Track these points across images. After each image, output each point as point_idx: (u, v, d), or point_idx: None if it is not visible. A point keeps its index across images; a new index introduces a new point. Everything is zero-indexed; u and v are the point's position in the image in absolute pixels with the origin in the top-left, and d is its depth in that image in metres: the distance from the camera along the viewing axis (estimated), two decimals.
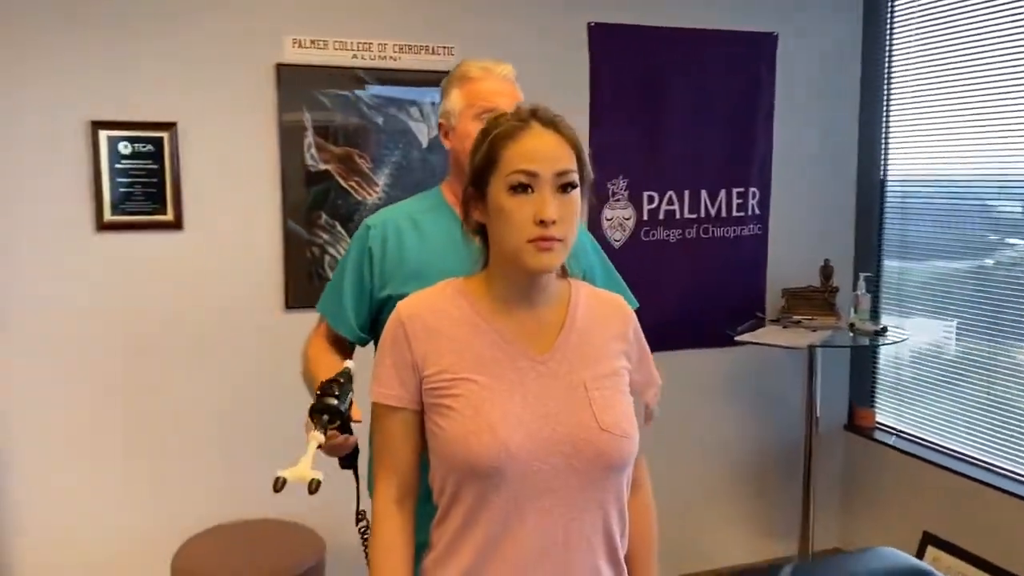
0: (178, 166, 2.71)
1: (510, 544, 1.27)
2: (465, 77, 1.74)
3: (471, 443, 1.25)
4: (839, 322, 3.24)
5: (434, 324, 1.32)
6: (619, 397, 1.34)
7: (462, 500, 1.29)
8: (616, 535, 1.35)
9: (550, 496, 1.27)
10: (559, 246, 1.27)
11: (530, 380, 1.30)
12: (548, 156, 1.27)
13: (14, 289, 2.60)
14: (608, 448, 1.29)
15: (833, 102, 3.48)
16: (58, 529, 2.70)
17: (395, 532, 1.33)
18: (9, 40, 2.53)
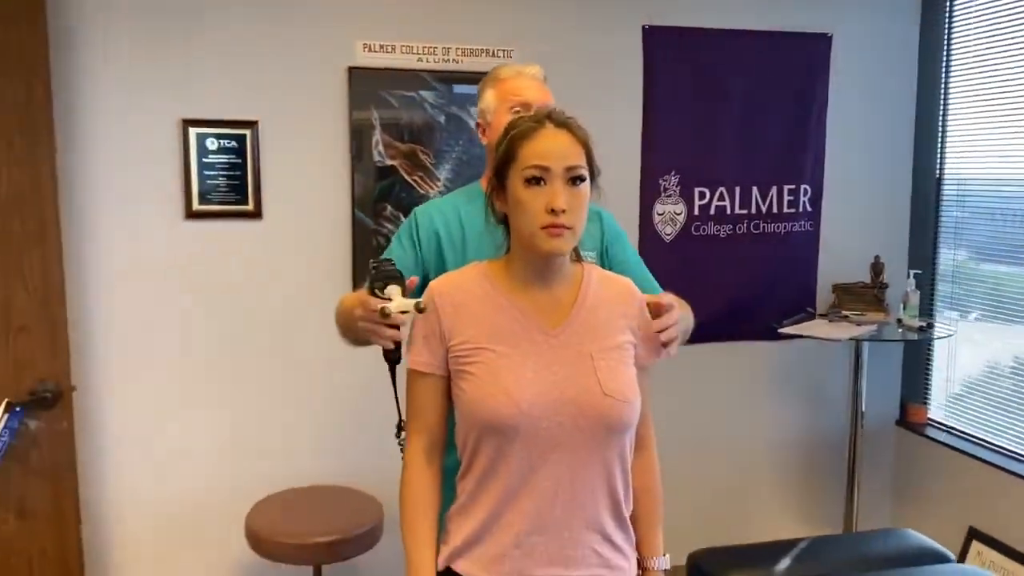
0: (259, 160, 2.97)
1: (525, 493, 1.46)
2: (498, 78, 1.93)
3: (489, 404, 1.44)
4: (887, 318, 3.30)
5: (460, 300, 1.51)
6: (623, 367, 1.51)
7: (483, 454, 1.48)
8: (619, 490, 1.52)
9: (559, 451, 1.45)
10: (568, 233, 1.45)
11: (543, 350, 1.48)
12: (559, 153, 1.45)
13: (114, 267, 2.91)
14: (610, 411, 1.46)
15: (889, 102, 3.53)
16: (149, 483, 3.01)
17: (423, 482, 1.53)
18: (111, 45, 2.83)
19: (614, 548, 1.53)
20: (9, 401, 2.62)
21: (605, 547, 1.51)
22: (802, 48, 3.39)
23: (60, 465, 2.76)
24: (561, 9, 3.18)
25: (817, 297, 3.52)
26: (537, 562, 1.47)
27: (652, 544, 1.63)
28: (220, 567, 3.09)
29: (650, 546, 1.63)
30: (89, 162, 2.85)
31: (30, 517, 2.74)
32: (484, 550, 1.49)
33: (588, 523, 1.49)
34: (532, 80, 1.94)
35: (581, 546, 1.49)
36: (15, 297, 2.64)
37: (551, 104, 1.85)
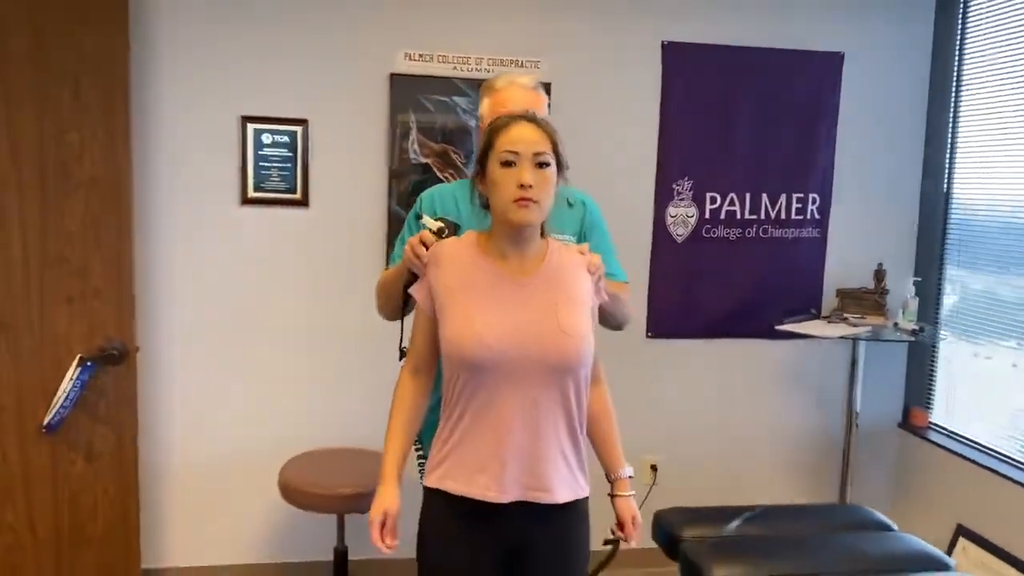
0: (308, 155, 3.33)
1: (494, 412, 1.78)
2: (492, 88, 2.21)
3: (461, 341, 1.77)
4: (886, 322, 3.49)
5: (448, 259, 1.85)
6: (580, 312, 1.83)
7: (459, 385, 1.81)
8: (575, 418, 1.82)
9: (522, 379, 1.77)
10: (535, 206, 1.77)
11: (512, 298, 1.80)
12: (528, 141, 1.77)
13: (177, 243, 3.30)
14: (566, 346, 1.77)
15: (899, 118, 3.72)
16: (198, 436, 3.39)
17: (407, 388, 1.91)
18: (181, 50, 3.22)
19: (570, 468, 1.83)
20: (82, 356, 3.02)
21: (563, 466, 1.82)
22: (815, 65, 3.60)
23: (123, 416, 3.14)
24: (586, 25, 3.46)
25: (823, 301, 3.72)
26: (507, 477, 1.77)
27: (616, 458, 1.97)
28: (255, 514, 3.45)
29: (616, 459, 1.97)
30: (160, 151, 3.25)
31: (96, 460, 3.14)
32: (460, 468, 1.80)
33: (549, 445, 1.79)
34: (522, 90, 2.19)
35: (543, 464, 1.79)
36: (92, 265, 3.04)
37: (539, 109, 2.13)
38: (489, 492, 1.78)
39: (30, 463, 3.06)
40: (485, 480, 1.78)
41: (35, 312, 3.01)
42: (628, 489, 1.96)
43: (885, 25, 3.67)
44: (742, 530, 2.36)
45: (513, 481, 1.78)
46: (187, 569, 3.42)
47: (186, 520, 3.41)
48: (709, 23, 3.53)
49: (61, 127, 2.95)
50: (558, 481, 1.81)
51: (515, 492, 1.79)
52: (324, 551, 3.31)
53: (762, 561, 2.16)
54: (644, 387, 3.67)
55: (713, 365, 3.71)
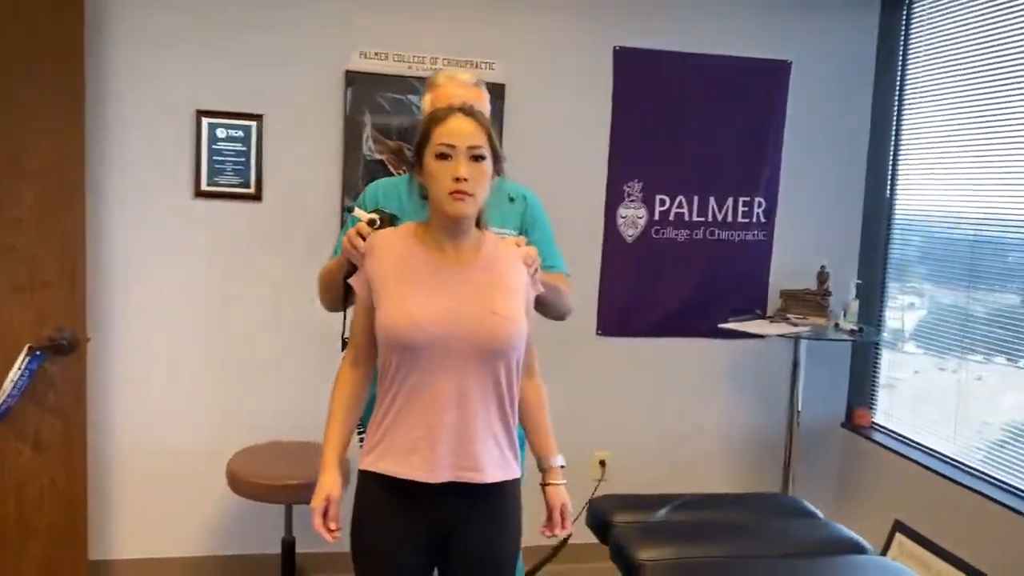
0: (262, 150, 3.36)
1: (427, 393, 1.82)
2: (434, 84, 2.26)
3: (394, 324, 1.81)
4: (827, 323, 3.58)
5: (385, 249, 1.89)
6: (514, 298, 1.88)
7: (394, 368, 1.85)
8: (506, 403, 1.87)
9: (454, 361, 1.81)
10: (470, 199, 1.81)
11: (446, 284, 1.85)
12: (464, 134, 1.82)
13: (129, 234, 3.31)
14: (497, 328, 1.82)
15: (844, 125, 3.83)
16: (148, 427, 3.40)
17: (347, 379, 1.94)
18: (139, 41, 3.24)
19: (501, 449, 1.88)
20: (31, 346, 3.03)
21: (494, 447, 1.87)
22: (763, 72, 3.70)
23: (72, 406, 3.15)
24: (540, 28, 3.53)
25: (768, 302, 3.82)
26: (438, 458, 1.82)
27: (548, 447, 2.01)
28: (204, 506, 3.46)
29: (547, 449, 2.01)
30: (115, 142, 3.26)
31: (43, 450, 3.14)
32: (393, 449, 1.85)
33: (480, 426, 1.84)
34: (462, 86, 2.22)
35: (474, 445, 1.84)
36: (42, 255, 3.05)
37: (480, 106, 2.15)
38: (420, 472, 1.82)
39: None
40: (417, 460, 1.83)
41: None
42: (559, 478, 2.00)
43: (831, 34, 3.78)
44: (672, 516, 2.43)
45: (444, 462, 1.82)
46: (135, 561, 3.42)
47: (135, 512, 3.41)
48: (660, 30, 3.62)
49: (13, 116, 2.96)
50: (488, 461, 1.85)
51: (446, 473, 1.83)
52: (272, 543, 3.33)
53: (689, 545, 2.22)
54: (594, 384, 3.74)
55: (661, 363, 3.78)
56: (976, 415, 3.30)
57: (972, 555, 3.13)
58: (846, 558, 2.21)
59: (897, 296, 3.79)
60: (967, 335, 3.34)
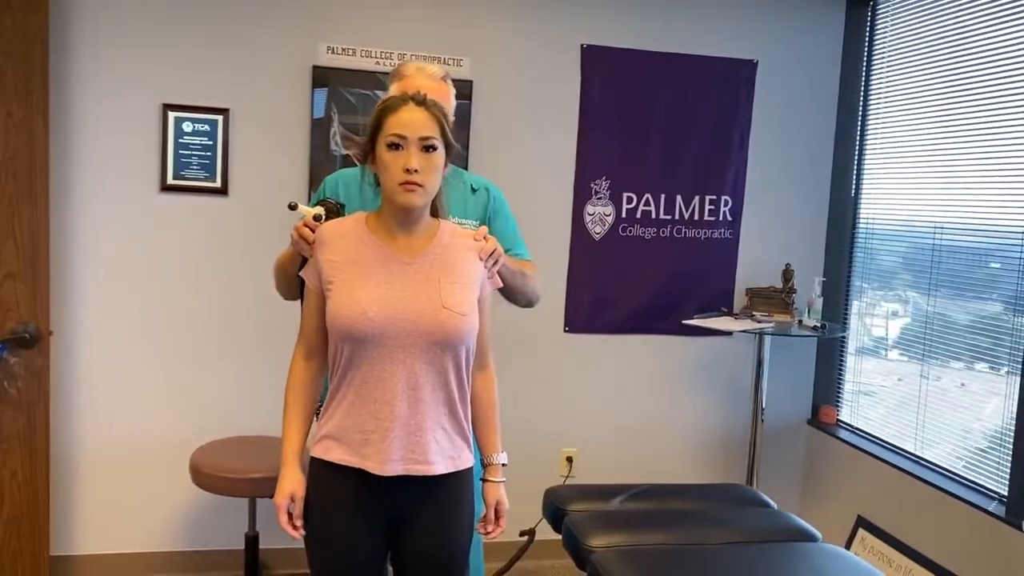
0: (228, 144, 3.36)
1: (377, 385, 1.83)
2: (401, 74, 2.26)
3: (343, 313, 1.81)
4: (791, 320, 3.61)
5: (336, 238, 1.89)
6: (465, 292, 1.88)
7: (343, 358, 1.85)
8: (455, 394, 1.88)
9: (402, 353, 1.82)
10: (420, 190, 1.82)
11: (396, 276, 1.85)
12: (416, 125, 1.82)
13: (94, 228, 3.30)
14: (446, 321, 1.82)
15: (810, 124, 3.87)
16: (111, 420, 3.38)
17: (300, 373, 1.95)
18: (104, 33, 3.24)
19: (451, 441, 1.89)
20: None
21: (444, 439, 1.87)
22: (729, 72, 3.74)
23: (34, 398, 3.13)
24: (509, 25, 3.55)
25: (735, 300, 3.84)
26: (389, 450, 1.82)
27: (493, 443, 2.01)
28: (168, 501, 3.46)
29: (491, 445, 2.00)
30: (80, 134, 3.26)
31: (4, 442, 3.12)
32: (345, 439, 1.85)
33: (429, 418, 1.85)
34: (429, 79, 2.22)
35: (423, 436, 1.84)
36: (4, 247, 3.03)
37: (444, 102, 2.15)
38: (372, 464, 1.83)
39: None
40: (369, 452, 1.83)
41: None
42: (498, 475, 1.99)
43: (797, 34, 3.82)
44: (626, 505, 2.44)
45: (396, 455, 1.83)
46: (98, 556, 3.41)
47: (98, 506, 3.40)
48: (627, 28, 3.65)
49: None
50: (438, 453, 1.86)
51: (398, 467, 1.83)
52: (236, 538, 3.33)
53: (640, 532, 2.24)
54: (561, 381, 3.76)
55: (629, 360, 3.80)
56: (938, 415, 3.34)
57: (934, 551, 3.16)
58: (794, 545, 2.23)
59: (862, 295, 3.83)
60: (930, 336, 3.38)
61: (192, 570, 3.46)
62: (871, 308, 3.77)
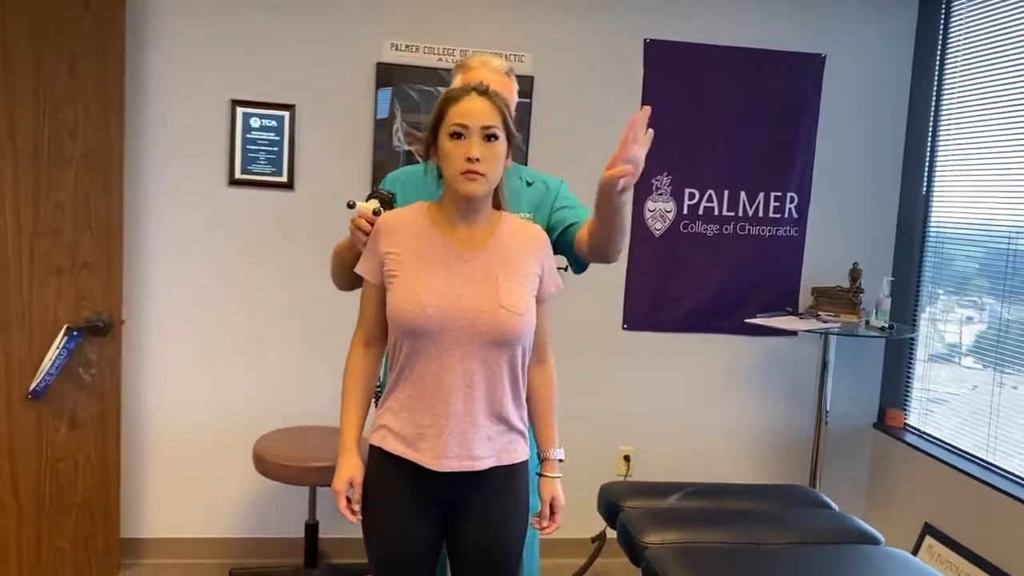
0: (294, 139, 3.43)
1: (434, 380, 1.84)
2: (466, 67, 2.24)
3: (403, 307, 1.83)
4: (859, 320, 3.52)
5: (397, 228, 1.91)
6: (522, 290, 1.88)
7: (402, 352, 1.87)
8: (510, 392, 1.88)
9: (459, 350, 1.83)
10: (482, 179, 1.83)
11: (455, 271, 1.86)
12: (477, 114, 1.83)
13: (165, 220, 3.40)
14: (504, 321, 1.83)
15: (880, 121, 3.77)
16: (179, 407, 3.48)
17: (359, 362, 1.97)
18: (177, 32, 3.34)
19: (507, 437, 1.89)
20: (68, 326, 3.14)
21: (499, 437, 1.88)
22: (796, 66, 3.66)
23: (107, 385, 3.25)
24: (571, 20, 3.54)
25: (800, 300, 3.77)
26: (447, 447, 1.83)
27: (549, 439, 2.00)
28: (232, 487, 3.54)
29: (547, 440, 2.00)
30: (152, 130, 3.36)
31: (79, 427, 3.24)
32: (403, 431, 1.87)
33: (483, 415, 1.85)
34: (493, 73, 2.20)
35: (477, 433, 1.85)
36: (81, 239, 3.16)
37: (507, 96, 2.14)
38: (428, 459, 1.85)
39: (16, 428, 3.17)
40: (424, 447, 1.85)
41: (25, 282, 3.13)
42: (554, 471, 1.98)
43: (867, 28, 3.72)
44: (682, 503, 2.41)
45: (451, 452, 1.84)
46: (164, 540, 3.51)
47: (165, 491, 3.50)
48: (692, 22, 3.61)
49: (57, 103, 3.08)
50: (489, 449, 1.87)
51: (452, 463, 1.84)
52: (296, 527, 3.40)
53: (696, 529, 2.20)
54: (620, 379, 3.73)
55: (688, 359, 3.76)
56: (1013, 423, 3.21)
57: (1007, 562, 3.05)
58: (856, 547, 2.17)
59: (933, 298, 3.71)
60: (1005, 343, 3.26)
61: (253, 556, 3.54)
62: (942, 312, 3.66)
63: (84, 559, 3.30)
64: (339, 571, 3.34)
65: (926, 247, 3.75)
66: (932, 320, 3.71)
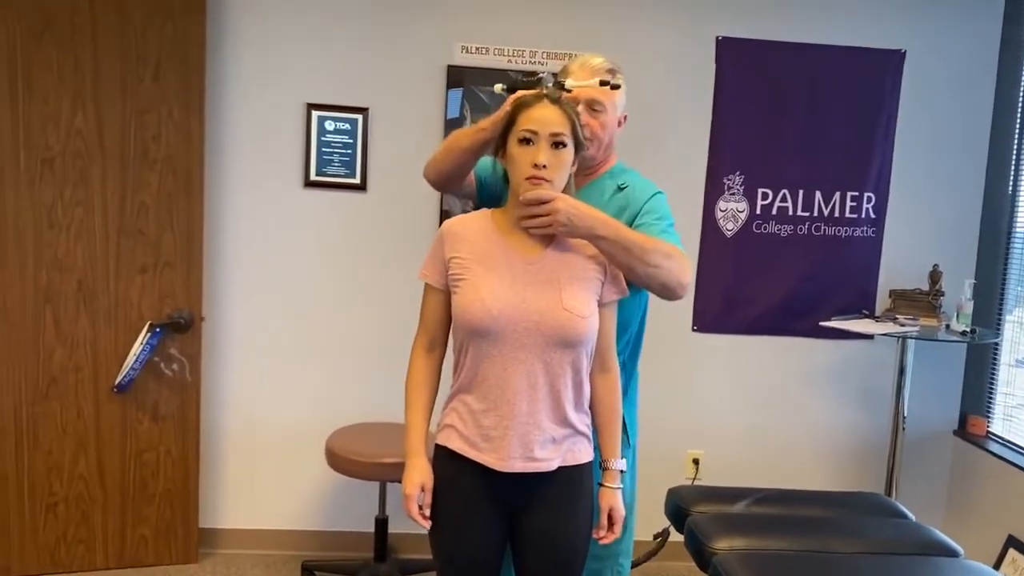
0: (367, 142, 3.49)
1: (496, 384, 1.86)
2: (566, 71, 2.18)
3: (469, 309, 1.85)
4: (939, 324, 3.42)
5: (462, 233, 1.93)
6: (584, 293, 1.88)
7: (467, 354, 1.90)
8: (573, 394, 1.88)
9: (523, 352, 1.84)
10: (547, 184, 1.84)
11: (519, 274, 1.87)
12: (547, 122, 1.84)
13: (242, 223, 3.50)
14: (566, 322, 1.83)
15: (963, 119, 3.64)
16: (254, 402, 3.58)
17: (422, 366, 2.00)
18: (253, 38, 3.43)
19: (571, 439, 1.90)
20: (152, 323, 3.26)
21: (564, 439, 1.89)
22: (874, 62, 3.56)
23: (187, 380, 3.37)
24: (642, 19, 3.52)
25: (877, 302, 3.67)
26: (512, 448, 1.85)
27: (611, 448, 1.98)
28: (305, 482, 3.62)
29: (610, 450, 1.98)
30: (231, 133, 3.46)
31: (161, 421, 3.37)
32: (468, 432, 1.90)
33: (547, 418, 1.86)
34: (588, 74, 2.11)
35: (542, 435, 1.86)
36: (163, 239, 3.28)
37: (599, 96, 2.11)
38: (492, 459, 1.86)
39: (102, 421, 3.31)
40: (489, 447, 1.87)
41: (112, 280, 3.26)
42: (615, 482, 1.97)
43: (950, 22, 3.60)
44: (752, 508, 2.37)
45: (515, 453, 1.85)
46: (240, 531, 3.61)
47: (241, 483, 3.60)
48: (764, 19, 3.54)
49: (142, 108, 3.20)
50: (554, 451, 1.87)
51: (517, 464, 1.86)
52: (367, 521, 3.46)
53: (765, 536, 2.16)
54: (689, 381, 3.70)
55: (760, 362, 3.70)
56: None
57: None
58: (933, 559, 2.11)
59: (1021, 300, 3.57)
60: None
61: (324, 548, 3.62)
62: None
63: (164, 547, 3.42)
64: (408, 566, 3.39)
65: (1011, 248, 3.61)
66: (1018, 324, 3.57)
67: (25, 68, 3.11)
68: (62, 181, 3.17)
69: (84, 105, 3.16)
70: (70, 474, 3.30)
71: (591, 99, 2.11)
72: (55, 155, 3.16)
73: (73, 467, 3.31)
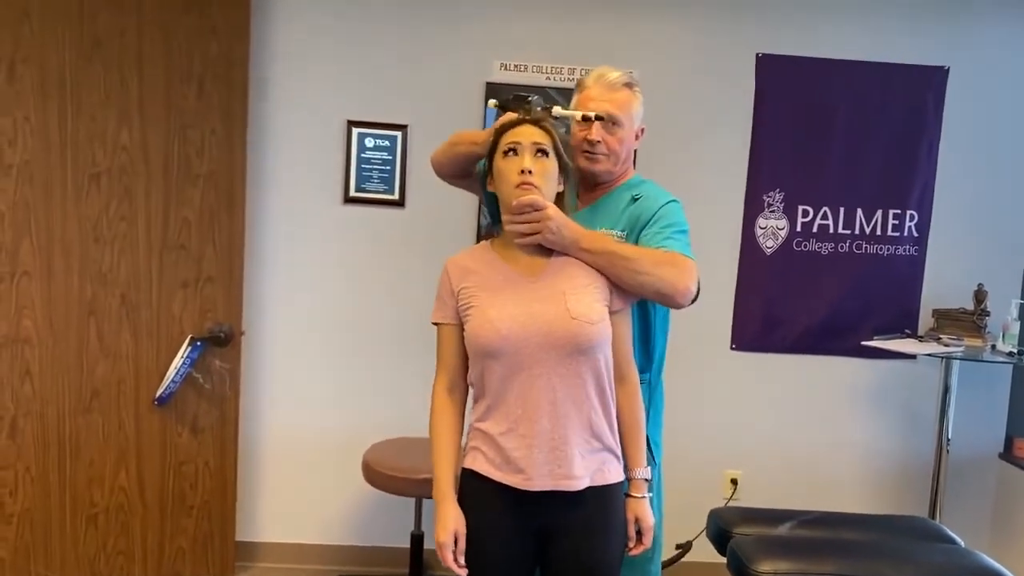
0: (406, 158, 3.52)
1: (517, 403, 1.85)
2: (582, 85, 2.20)
3: (479, 333, 1.86)
4: (984, 344, 3.35)
5: (465, 265, 1.96)
6: (590, 299, 1.88)
7: (484, 379, 1.90)
8: (597, 405, 1.88)
9: (539, 367, 1.84)
10: (536, 191, 1.85)
11: (524, 292, 1.88)
12: (528, 134, 1.88)
13: (282, 239, 3.54)
14: (576, 330, 1.83)
15: (1008, 134, 3.59)
16: (293, 416, 3.61)
17: (445, 410, 1.98)
18: (294, 57, 3.47)
19: (596, 453, 1.88)
20: (192, 337, 3.29)
21: (591, 455, 1.87)
22: (916, 79, 3.52)
23: (226, 393, 3.39)
24: (681, 35, 3.52)
25: (920, 322, 3.61)
26: (538, 465, 1.84)
27: (635, 458, 1.97)
28: (340, 493, 3.64)
29: (633, 460, 1.97)
30: (272, 149, 3.50)
31: (200, 434, 3.39)
32: (492, 454, 1.89)
33: (572, 432, 1.85)
34: (606, 89, 2.14)
35: (568, 450, 1.84)
36: (205, 253, 3.31)
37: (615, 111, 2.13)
38: (519, 480, 1.85)
39: (142, 432, 3.34)
40: (515, 468, 1.85)
41: (154, 293, 3.30)
42: (640, 491, 1.95)
43: (995, 39, 3.55)
44: (795, 531, 2.34)
45: (542, 471, 1.84)
46: (277, 544, 3.63)
47: (278, 497, 3.63)
48: (805, 36, 3.52)
49: (185, 124, 3.24)
50: (582, 467, 1.86)
51: (545, 482, 1.84)
52: (402, 537, 3.46)
53: (809, 560, 2.13)
54: (727, 400, 3.66)
55: (799, 381, 3.65)
56: None
57: None
58: None
59: None
60: None
61: (360, 563, 3.62)
62: None
63: (202, 559, 3.44)
64: None
65: None
66: None
67: (74, 87, 3.17)
68: (108, 196, 3.23)
69: (130, 122, 3.21)
70: (111, 485, 3.34)
71: (608, 115, 2.12)
72: (101, 171, 3.22)
73: (114, 479, 3.34)
